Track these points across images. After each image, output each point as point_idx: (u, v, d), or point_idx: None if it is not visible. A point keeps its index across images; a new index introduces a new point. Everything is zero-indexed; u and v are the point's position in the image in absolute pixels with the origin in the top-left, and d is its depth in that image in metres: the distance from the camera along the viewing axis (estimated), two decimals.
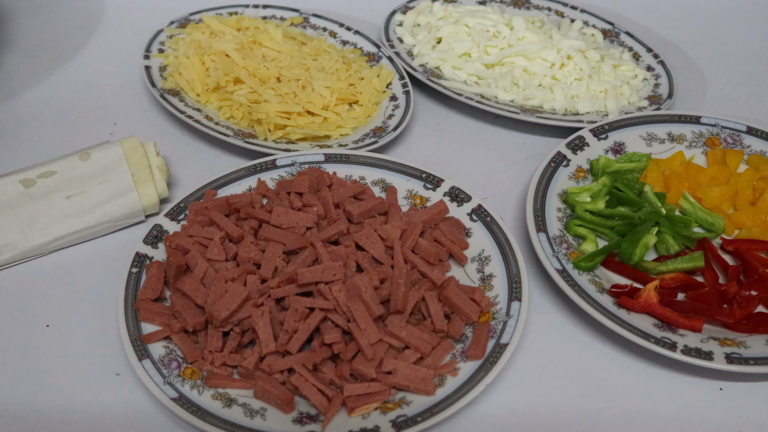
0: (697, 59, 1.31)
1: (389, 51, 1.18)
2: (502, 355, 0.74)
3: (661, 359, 0.80)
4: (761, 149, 1.02)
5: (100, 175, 0.90)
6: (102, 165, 0.90)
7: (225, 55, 1.10)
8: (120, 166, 0.90)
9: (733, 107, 1.20)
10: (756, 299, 0.83)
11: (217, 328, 0.75)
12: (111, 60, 1.21)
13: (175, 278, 0.80)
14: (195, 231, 0.84)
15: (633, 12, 1.39)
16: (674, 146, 1.03)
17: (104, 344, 0.79)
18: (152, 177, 0.92)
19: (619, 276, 0.87)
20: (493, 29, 1.20)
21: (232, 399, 0.72)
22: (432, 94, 1.18)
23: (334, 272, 0.77)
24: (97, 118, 1.09)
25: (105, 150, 0.92)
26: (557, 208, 0.91)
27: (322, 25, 1.25)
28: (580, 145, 1.00)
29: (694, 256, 0.86)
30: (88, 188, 0.89)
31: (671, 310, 0.80)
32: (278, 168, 0.94)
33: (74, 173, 0.89)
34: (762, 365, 0.75)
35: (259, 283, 0.78)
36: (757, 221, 0.92)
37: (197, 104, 1.07)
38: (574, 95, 1.12)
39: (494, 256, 0.85)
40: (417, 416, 0.70)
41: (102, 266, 0.87)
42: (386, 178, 0.94)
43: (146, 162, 0.92)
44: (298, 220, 0.85)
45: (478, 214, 0.90)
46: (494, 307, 0.80)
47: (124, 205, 0.89)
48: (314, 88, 1.06)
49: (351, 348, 0.74)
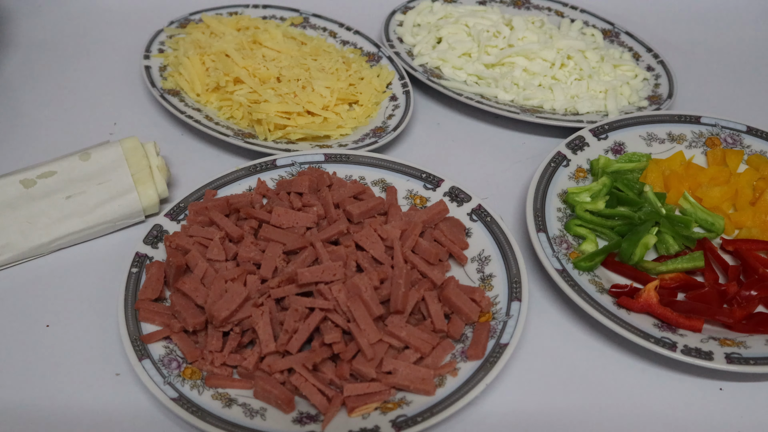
0: (697, 59, 1.31)
1: (389, 51, 1.18)
2: (502, 355, 0.74)
3: (661, 359, 0.80)
4: (761, 149, 1.02)
5: (100, 175, 0.90)
6: (102, 165, 0.90)
7: (225, 55, 1.10)
8: (120, 167, 0.90)
9: (733, 107, 1.20)
10: (756, 299, 0.83)
11: (217, 328, 0.75)
12: (111, 60, 1.21)
13: (175, 278, 0.80)
14: (195, 231, 0.84)
15: (633, 12, 1.39)
16: (674, 146, 1.03)
17: (104, 344, 0.79)
18: (152, 177, 0.92)
19: (619, 276, 0.87)
20: (493, 29, 1.20)
21: (232, 399, 0.72)
22: (432, 94, 1.18)
23: (334, 272, 0.77)
24: (97, 118, 1.10)
25: (105, 150, 0.91)
26: (557, 208, 0.91)
27: (322, 25, 1.25)
28: (580, 145, 1.00)
29: (694, 256, 0.86)
30: (88, 188, 0.89)
31: (671, 310, 0.80)
32: (278, 168, 0.94)
33: (74, 173, 0.89)
34: (762, 365, 0.75)
35: (259, 283, 0.78)
36: (757, 221, 0.92)
37: (197, 104, 1.07)
38: (574, 95, 1.12)
39: (494, 256, 0.85)
40: (417, 416, 0.70)
41: (102, 266, 0.87)
42: (386, 178, 0.94)
43: (146, 162, 0.92)
44: (298, 220, 0.85)
45: (478, 214, 0.89)
46: (494, 307, 0.80)
47: (125, 206, 0.89)
48: (314, 88, 1.06)
49: (351, 348, 0.74)
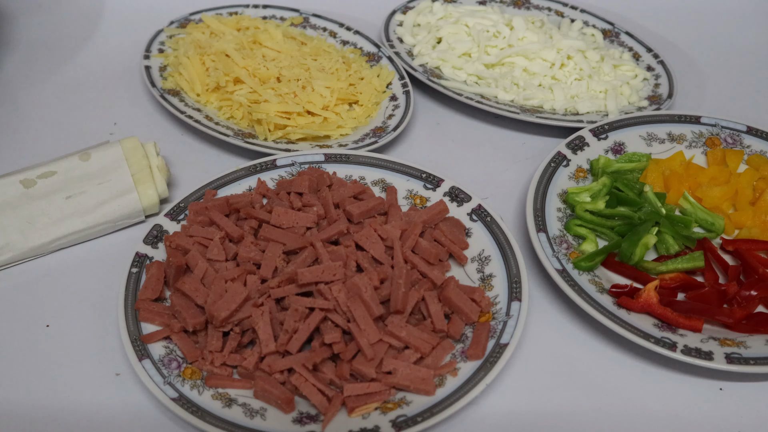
0: (697, 59, 1.31)
1: (389, 51, 1.18)
2: (502, 355, 0.74)
3: (661, 359, 0.80)
4: (761, 149, 1.02)
5: (100, 175, 0.90)
6: (102, 165, 0.90)
7: (225, 55, 1.10)
8: (120, 167, 0.90)
9: (733, 107, 1.20)
10: (756, 299, 0.83)
11: (217, 328, 0.75)
12: (111, 60, 1.21)
13: (175, 278, 0.80)
14: (195, 231, 0.84)
15: (633, 12, 1.39)
16: (674, 146, 1.03)
17: (104, 344, 0.79)
18: (152, 177, 0.92)
19: (619, 276, 0.87)
20: (493, 29, 1.20)
21: (232, 399, 0.72)
22: (432, 94, 1.18)
23: (334, 272, 0.77)
24: (97, 118, 1.09)
25: (105, 150, 0.92)
26: (557, 208, 0.91)
27: (322, 25, 1.25)
28: (580, 145, 0.99)
29: (694, 256, 0.86)
30: (88, 188, 0.89)
31: (671, 310, 0.80)
32: (278, 168, 0.94)
33: (74, 173, 0.89)
34: (762, 365, 0.75)
35: (259, 283, 0.78)
36: (757, 221, 0.92)
37: (197, 104, 1.07)
38: (574, 95, 1.12)
39: (494, 256, 0.85)
40: (417, 416, 0.70)
41: (102, 266, 0.87)
42: (386, 178, 0.94)
43: (146, 162, 0.92)
44: (298, 220, 0.85)
45: (478, 214, 0.89)
46: (494, 307, 0.80)
47: (125, 206, 0.89)
48: (314, 88, 1.06)
49: (351, 348, 0.74)
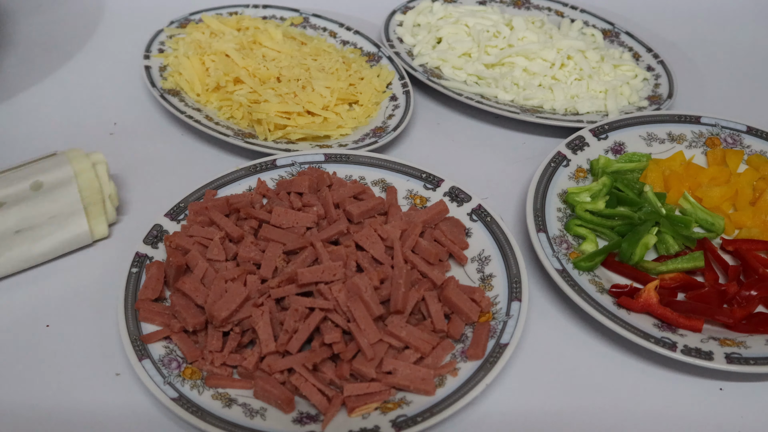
0: (697, 59, 1.31)
1: (389, 51, 1.18)
2: (502, 355, 0.74)
3: (661, 359, 0.80)
4: (761, 149, 1.02)
5: (51, 208, 0.85)
6: (53, 198, 0.85)
7: (225, 55, 1.10)
8: (73, 200, 0.86)
9: (733, 107, 1.19)
10: (756, 299, 0.83)
11: (217, 328, 0.75)
12: (111, 60, 1.21)
13: (175, 278, 0.80)
14: (195, 231, 0.84)
15: (633, 12, 1.39)
16: (674, 146, 1.03)
17: (104, 344, 0.79)
18: (104, 209, 0.88)
19: (619, 276, 0.87)
20: (493, 29, 1.20)
21: (232, 399, 0.72)
22: (432, 94, 1.18)
23: (334, 272, 0.77)
24: (97, 118, 1.09)
25: (56, 175, 0.86)
26: (557, 208, 0.91)
27: (322, 25, 1.25)
28: (580, 145, 0.99)
29: (694, 256, 0.86)
30: (38, 223, 0.84)
31: (671, 310, 0.80)
32: (278, 168, 0.94)
33: (24, 205, 0.84)
34: (762, 365, 0.75)
35: (259, 283, 0.78)
36: (757, 221, 0.92)
37: (197, 104, 1.07)
38: (574, 95, 1.12)
39: (494, 256, 0.85)
40: (417, 416, 0.70)
41: (102, 266, 0.87)
42: (386, 178, 0.94)
43: (98, 189, 0.87)
44: (298, 220, 0.85)
45: (478, 214, 0.89)
46: (494, 307, 0.80)
47: (74, 241, 0.86)
48: (314, 88, 1.06)
49: (351, 348, 0.74)
